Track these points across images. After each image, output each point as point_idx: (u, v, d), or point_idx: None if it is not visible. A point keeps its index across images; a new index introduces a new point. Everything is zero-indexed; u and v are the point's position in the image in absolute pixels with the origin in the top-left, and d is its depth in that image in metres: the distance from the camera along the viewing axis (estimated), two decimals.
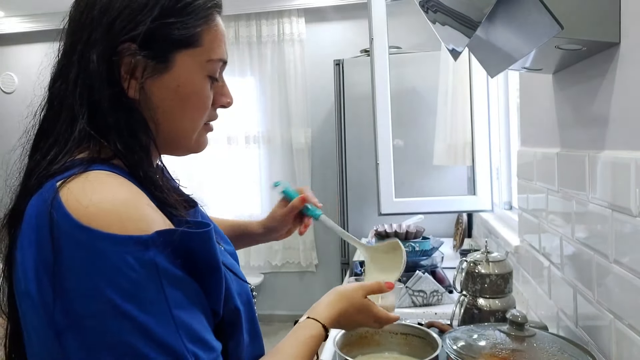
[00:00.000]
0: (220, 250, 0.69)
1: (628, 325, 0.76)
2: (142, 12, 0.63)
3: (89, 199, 0.54)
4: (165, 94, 0.66)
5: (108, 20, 0.63)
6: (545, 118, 1.18)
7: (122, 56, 0.62)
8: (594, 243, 0.88)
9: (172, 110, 0.67)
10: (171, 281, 0.55)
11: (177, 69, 0.66)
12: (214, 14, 0.69)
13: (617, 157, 0.78)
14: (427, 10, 1.04)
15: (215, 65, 0.70)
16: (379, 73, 1.95)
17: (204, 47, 0.68)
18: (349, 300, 0.83)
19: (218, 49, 0.70)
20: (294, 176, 3.87)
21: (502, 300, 1.12)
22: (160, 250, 0.55)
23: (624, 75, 0.77)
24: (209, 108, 0.71)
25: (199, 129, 0.72)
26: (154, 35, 0.64)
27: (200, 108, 0.70)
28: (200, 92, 0.69)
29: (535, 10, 0.70)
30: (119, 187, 0.58)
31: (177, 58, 0.66)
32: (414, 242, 1.82)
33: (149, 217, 0.56)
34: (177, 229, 0.57)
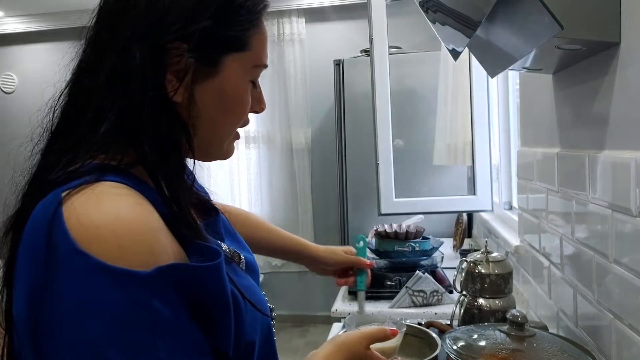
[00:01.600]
0: (234, 271, 0.65)
1: (628, 325, 0.76)
2: (197, 10, 0.58)
3: (90, 218, 0.48)
4: (209, 100, 0.62)
5: (158, 14, 0.57)
6: (545, 118, 1.18)
7: (171, 56, 0.57)
8: (594, 243, 0.88)
9: (214, 117, 0.63)
10: (166, 328, 0.49)
11: (225, 73, 0.62)
12: (260, 17, 0.65)
13: (617, 157, 0.78)
14: (427, 10, 1.04)
15: (260, 70, 0.68)
16: (379, 73, 1.95)
17: (253, 51, 0.64)
18: (349, 352, 0.75)
19: (263, 53, 0.67)
20: (293, 176, 3.88)
21: (502, 300, 1.11)
22: (158, 291, 0.48)
23: (624, 75, 0.77)
24: (246, 113, 0.69)
25: (232, 136, 0.70)
26: (208, 36, 0.59)
27: (241, 114, 0.67)
28: (244, 99, 0.66)
29: (535, 10, 0.70)
30: (127, 206, 0.51)
31: (226, 62, 0.62)
32: (414, 242, 1.82)
33: (154, 247, 0.50)
34: (181, 265, 0.52)
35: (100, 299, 0.46)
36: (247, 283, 0.69)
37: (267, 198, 3.95)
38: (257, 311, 0.65)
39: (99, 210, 0.49)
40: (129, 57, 0.55)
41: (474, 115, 2.03)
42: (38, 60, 4.26)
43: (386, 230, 1.88)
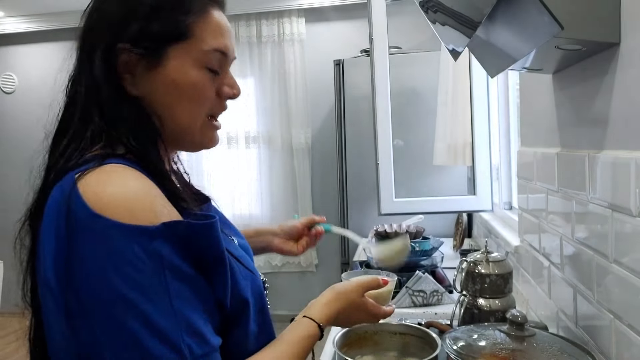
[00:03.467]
0: (228, 242, 0.73)
1: (628, 325, 0.76)
2: (134, 12, 0.67)
3: (103, 189, 0.58)
4: (162, 89, 0.69)
5: (106, 24, 0.68)
6: (545, 118, 1.18)
7: (119, 55, 0.67)
8: (594, 243, 0.88)
9: (171, 104, 0.70)
10: (174, 272, 0.58)
11: (170, 63, 0.68)
12: (206, 7, 0.70)
13: (617, 157, 0.78)
14: (427, 10, 1.04)
15: (210, 56, 0.70)
16: (379, 73, 1.95)
17: (195, 39, 0.69)
18: (347, 300, 0.83)
19: (212, 40, 0.70)
20: (294, 176, 3.87)
21: (502, 300, 1.12)
22: (165, 242, 0.57)
23: (624, 75, 0.77)
24: (210, 100, 0.72)
25: (202, 122, 0.73)
26: (144, 32, 0.67)
27: (197, 100, 0.71)
28: (196, 84, 0.70)
29: (535, 10, 0.70)
30: (132, 178, 0.61)
31: (170, 52, 0.68)
32: (414, 242, 1.82)
33: (158, 209, 0.59)
34: (182, 221, 0.60)
35: (118, 251, 0.55)
36: (240, 254, 0.75)
37: (267, 198, 3.94)
38: (250, 272, 0.73)
39: (109, 182, 0.59)
40: (91, 64, 0.67)
41: (474, 115, 2.03)
42: (38, 60, 4.26)
43: (386, 230, 1.88)
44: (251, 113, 3.91)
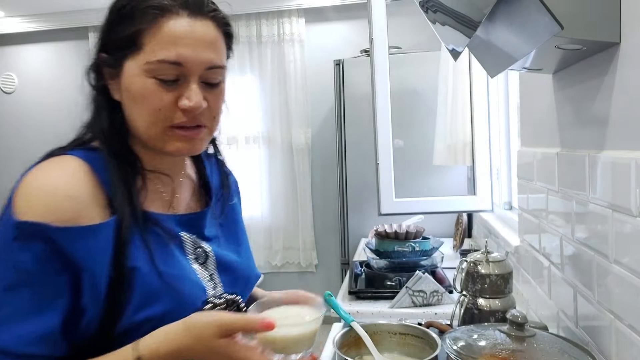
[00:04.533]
0: (168, 258, 0.75)
1: (628, 325, 0.76)
2: (106, 24, 0.76)
3: (26, 181, 0.67)
4: (124, 98, 0.75)
5: (99, 34, 0.77)
6: (545, 118, 1.18)
7: (101, 66, 0.76)
8: (594, 243, 0.88)
9: (131, 112, 0.75)
10: (21, 270, 0.64)
11: (125, 72, 0.73)
12: (157, 18, 0.71)
13: (617, 157, 0.78)
14: (427, 10, 1.04)
15: (157, 66, 0.71)
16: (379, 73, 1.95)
17: (144, 50, 0.71)
18: (196, 337, 0.66)
19: (161, 50, 0.71)
20: (294, 176, 3.87)
21: (502, 300, 1.11)
22: (23, 240, 0.64)
23: (624, 75, 0.77)
24: (163, 109, 0.73)
25: (160, 131, 0.74)
26: (107, 43, 0.75)
27: (146, 109, 0.73)
28: (145, 95, 0.72)
29: (535, 10, 0.70)
30: (56, 174, 0.69)
31: (126, 63, 0.73)
32: (414, 242, 1.82)
33: (52, 207, 0.65)
34: (38, 223, 0.64)
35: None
36: (175, 272, 0.75)
37: (267, 198, 3.94)
38: (176, 293, 0.73)
39: (34, 175, 0.68)
40: (88, 70, 0.78)
41: (474, 115, 2.03)
42: (38, 60, 4.26)
43: (386, 230, 1.88)
44: (251, 113, 3.91)
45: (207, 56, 0.74)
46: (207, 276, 0.81)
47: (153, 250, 0.72)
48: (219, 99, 0.80)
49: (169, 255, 0.75)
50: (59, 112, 4.18)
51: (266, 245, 3.97)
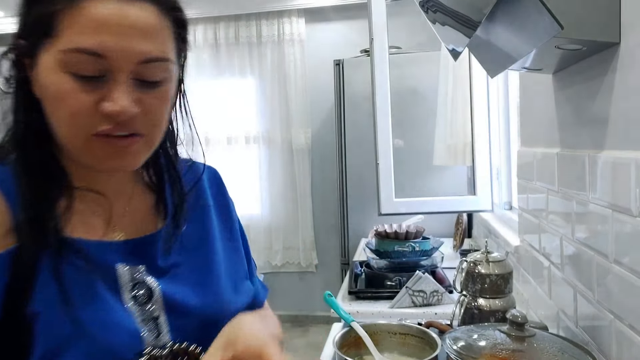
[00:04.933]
0: (91, 299, 0.60)
1: (628, 325, 0.76)
2: (21, 6, 0.62)
3: None
4: (42, 95, 0.60)
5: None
6: (545, 118, 1.18)
7: (19, 55, 0.61)
8: (594, 243, 0.88)
9: (49, 114, 0.60)
10: None
11: (40, 64, 0.58)
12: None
13: (617, 157, 0.78)
14: (427, 10, 1.04)
15: (74, 58, 0.56)
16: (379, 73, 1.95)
17: (60, 37, 0.56)
18: None
19: (78, 37, 0.55)
20: (294, 176, 3.87)
21: (502, 300, 1.11)
22: None
23: (624, 75, 0.77)
24: (80, 114, 0.57)
25: (84, 139, 0.59)
26: (22, 27, 0.61)
27: (62, 113, 0.58)
28: (59, 94, 0.57)
29: (535, 10, 0.70)
30: None
31: (40, 53, 0.58)
32: (414, 242, 1.82)
33: None
34: None
35: None
36: (96, 316, 0.59)
37: (267, 198, 3.94)
38: (94, 342, 0.58)
39: None
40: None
41: (474, 115, 2.03)
42: None
43: (386, 230, 1.88)
44: (251, 113, 3.91)
45: (140, 47, 0.57)
46: (149, 320, 0.64)
47: (68, 289, 0.58)
48: (162, 101, 0.62)
49: (91, 295, 0.60)
50: None
51: (266, 245, 3.97)
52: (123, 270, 0.65)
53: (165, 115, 0.64)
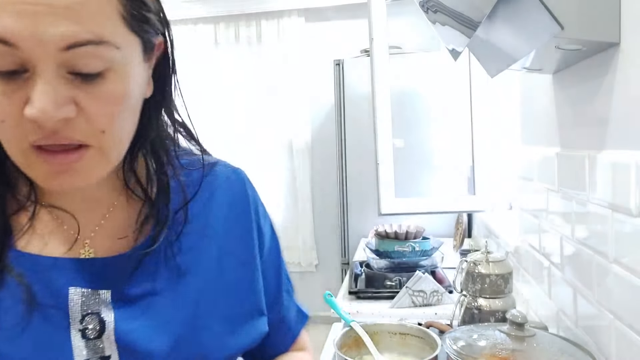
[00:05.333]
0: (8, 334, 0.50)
1: (628, 325, 0.76)
2: None
3: None
4: None
5: None
6: (545, 118, 1.18)
7: None
8: (594, 243, 0.88)
9: None
10: None
11: None
12: None
13: (617, 157, 0.78)
14: (427, 11, 1.04)
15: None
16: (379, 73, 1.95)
17: None
18: None
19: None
20: (294, 176, 3.87)
21: (502, 300, 1.11)
22: None
23: (624, 75, 0.77)
24: (6, 122, 0.46)
25: (18, 153, 0.48)
26: None
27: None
28: None
29: (535, 10, 0.70)
30: None
31: None
32: (414, 242, 1.82)
33: None
34: None
35: None
36: (21, 352, 0.50)
37: (267, 198, 3.94)
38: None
39: None
40: None
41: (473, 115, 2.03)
42: None
43: (386, 230, 1.88)
44: (251, 113, 3.91)
45: (60, 28, 0.43)
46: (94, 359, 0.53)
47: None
48: (107, 101, 0.47)
49: (25, 324, 0.50)
50: None
51: None
52: (75, 296, 0.53)
53: (121, 117, 0.49)
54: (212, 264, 0.62)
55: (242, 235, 0.67)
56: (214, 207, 0.65)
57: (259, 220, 0.70)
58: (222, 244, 0.64)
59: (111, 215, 0.59)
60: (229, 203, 0.67)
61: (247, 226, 0.68)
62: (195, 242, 0.62)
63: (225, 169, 0.69)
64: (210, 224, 0.64)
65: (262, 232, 0.70)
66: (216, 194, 0.66)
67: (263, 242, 0.70)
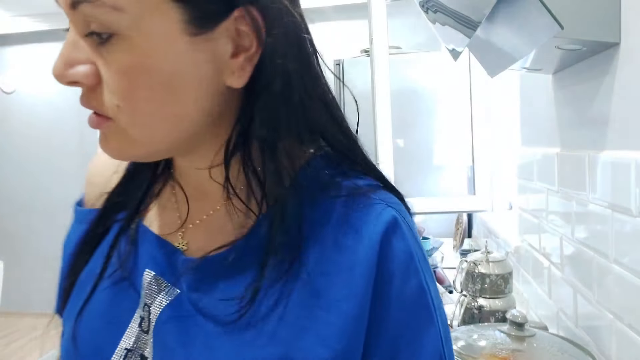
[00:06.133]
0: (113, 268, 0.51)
1: (628, 325, 0.76)
2: None
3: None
4: None
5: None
6: (545, 118, 1.18)
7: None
8: (594, 243, 0.88)
9: None
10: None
11: None
12: None
13: (617, 157, 0.78)
14: (427, 11, 1.04)
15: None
16: (379, 73, 1.95)
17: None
18: None
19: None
20: None
21: (502, 300, 1.12)
22: (75, 223, 0.59)
23: (624, 75, 0.77)
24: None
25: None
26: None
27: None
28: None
29: (535, 10, 0.70)
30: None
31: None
32: None
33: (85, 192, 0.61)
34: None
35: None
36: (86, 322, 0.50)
37: None
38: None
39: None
40: None
41: (473, 115, 2.03)
42: (38, 60, 4.26)
43: None
44: None
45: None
46: (136, 355, 0.48)
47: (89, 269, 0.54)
48: (118, 69, 0.41)
49: (107, 288, 0.52)
50: (59, 112, 4.19)
51: None
52: (148, 277, 0.50)
53: (138, 95, 0.42)
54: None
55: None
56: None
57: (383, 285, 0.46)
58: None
59: (213, 216, 0.52)
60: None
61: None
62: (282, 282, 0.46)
63: (377, 211, 0.49)
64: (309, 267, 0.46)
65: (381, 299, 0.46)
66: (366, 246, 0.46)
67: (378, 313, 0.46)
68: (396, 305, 0.46)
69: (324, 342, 0.43)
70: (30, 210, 4.35)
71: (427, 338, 0.46)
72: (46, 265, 4.29)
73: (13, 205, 4.38)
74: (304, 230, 0.47)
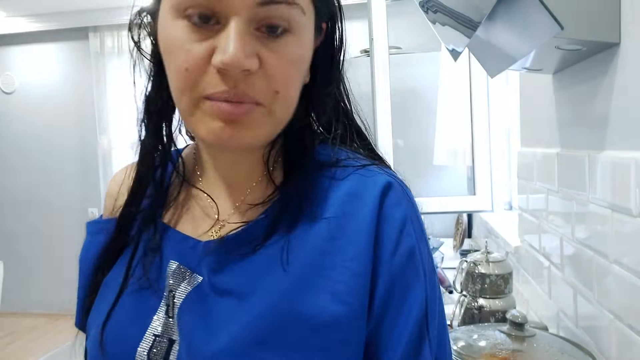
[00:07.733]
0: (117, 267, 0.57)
1: (628, 325, 0.76)
2: None
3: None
4: (161, 52, 0.52)
5: None
6: (545, 118, 1.18)
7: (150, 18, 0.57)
8: (594, 243, 0.88)
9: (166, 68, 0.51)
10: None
11: (160, 14, 0.50)
12: None
13: (617, 157, 0.78)
14: (427, 11, 1.04)
15: (192, 2, 0.45)
16: (379, 73, 1.95)
17: None
18: None
19: None
20: None
21: (502, 300, 1.12)
22: (88, 237, 0.63)
23: (624, 75, 0.77)
24: (190, 69, 0.46)
25: (189, 104, 0.48)
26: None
27: (173, 69, 0.48)
28: (172, 43, 0.48)
29: (535, 10, 0.70)
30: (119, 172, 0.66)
31: (161, 1, 0.50)
32: None
33: (104, 206, 0.65)
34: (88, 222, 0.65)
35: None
36: (106, 296, 0.56)
37: None
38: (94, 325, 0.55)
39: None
40: None
41: (473, 115, 2.03)
42: (38, 60, 4.26)
43: None
44: None
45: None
46: (164, 339, 0.51)
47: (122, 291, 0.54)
48: (287, 59, 0.48)
49: (137, 289, 0.55)
50: (59, 112, 4.19)
51: None
52: (173, 268, 0.54)
53: (294, 82, 0.50)
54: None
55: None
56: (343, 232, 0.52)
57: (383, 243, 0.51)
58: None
59: (250, 196, 0.57)
60: (362, 228, 0.51)
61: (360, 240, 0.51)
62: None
63: (375, 177, 0.56)
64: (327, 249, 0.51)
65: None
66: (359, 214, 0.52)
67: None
68: (387, 267, 0.50)
69: (336, 298, 0.48)
70: (30, 210, 4.35)
71: (412, 299, 0.50)
72: (46, 266, 4.29)
73: (13, 205, 4.38)
74: (316, 201, 0.53)
